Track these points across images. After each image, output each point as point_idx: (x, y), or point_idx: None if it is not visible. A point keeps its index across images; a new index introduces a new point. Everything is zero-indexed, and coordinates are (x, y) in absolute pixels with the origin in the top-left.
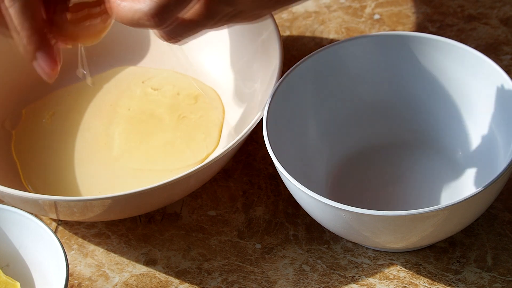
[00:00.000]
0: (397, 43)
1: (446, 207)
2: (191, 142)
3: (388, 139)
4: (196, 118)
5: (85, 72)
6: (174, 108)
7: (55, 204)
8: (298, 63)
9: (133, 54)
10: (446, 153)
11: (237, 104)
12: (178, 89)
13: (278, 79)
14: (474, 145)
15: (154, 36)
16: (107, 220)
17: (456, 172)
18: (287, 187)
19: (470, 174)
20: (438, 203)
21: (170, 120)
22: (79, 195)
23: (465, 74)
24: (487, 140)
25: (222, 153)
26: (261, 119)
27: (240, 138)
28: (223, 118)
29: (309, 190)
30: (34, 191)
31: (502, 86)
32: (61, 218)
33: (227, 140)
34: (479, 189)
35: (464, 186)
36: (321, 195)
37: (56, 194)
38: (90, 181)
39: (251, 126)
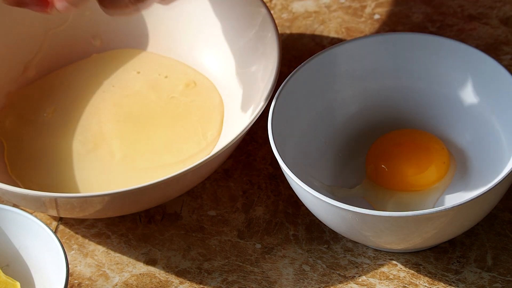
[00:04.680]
0: (397, 43)
1: (450, 208)
2: (191, 135)
3: None
4: (188, 101)
5: None
6: (163, 89)
7: (55, 200)
8: (301, 64)
9: (129, 37)
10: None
11: (235, 101)
12: (169, 73)
13: (276, 77)
14: (478, 145)
15: (151, 20)
16: (107, 219)
17: (460, 173)
18: (292, 188)
19: (474, 175)
20: (441, 205)
21: (163, 106)
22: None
23: (466, 74)
24: (492, 139)
25: (220, 150)
26: (261, 118)
27: (239, 135)
28: (223, 112)
29: (313, 191)
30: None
31: (505, 84)
32: (61, 215)
33: (226, 137)
34: (484, 190)
35: (468, 187)
36: (325, 195)
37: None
38: (90, 180)
39: (249, 124)
